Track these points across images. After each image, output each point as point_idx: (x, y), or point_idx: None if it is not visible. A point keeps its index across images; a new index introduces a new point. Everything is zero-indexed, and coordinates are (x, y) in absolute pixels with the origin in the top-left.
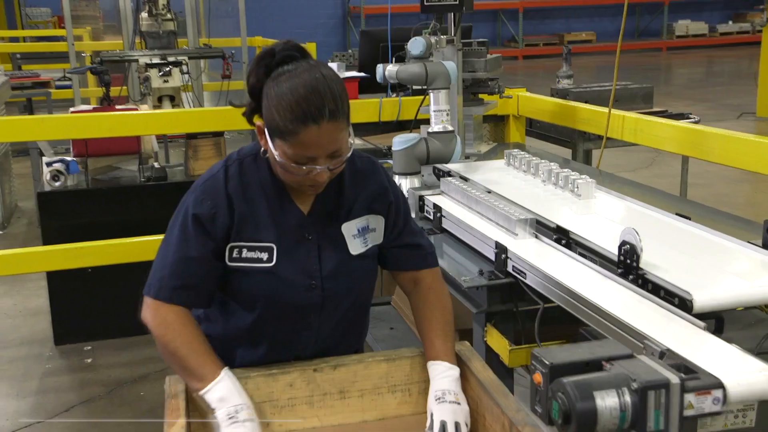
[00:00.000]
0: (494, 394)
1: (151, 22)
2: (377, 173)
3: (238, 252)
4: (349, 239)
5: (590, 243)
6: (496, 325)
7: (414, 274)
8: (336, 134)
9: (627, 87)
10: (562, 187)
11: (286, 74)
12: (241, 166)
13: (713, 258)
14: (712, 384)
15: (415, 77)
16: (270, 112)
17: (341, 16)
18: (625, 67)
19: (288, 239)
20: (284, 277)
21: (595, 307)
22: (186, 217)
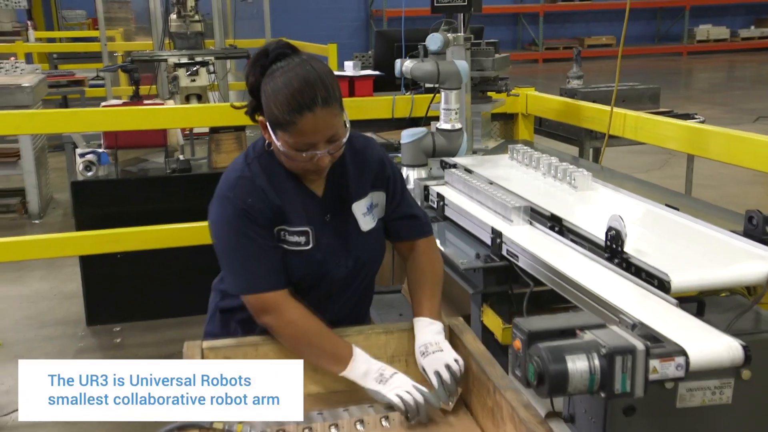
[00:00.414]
0: (482, 363)
1: (179, 23)
2: (374, 150)
3: (283, 234)
4: (359, 218)
5: (580, 230)
6: (492, 305)
7: (411, 242)
8: (331, 119)
9: (634, 87)
10: (560, 179)
11: (280, 70)
12: (260, 162)
13: (695, 245)
14: (675, 351)
15: (427, 75)
16: (269, 107)
17: (364, 19)
18: (644, 71)
19: (314, 222)
20: (318, 257)
21: (578, 286)
22: (239, 215)
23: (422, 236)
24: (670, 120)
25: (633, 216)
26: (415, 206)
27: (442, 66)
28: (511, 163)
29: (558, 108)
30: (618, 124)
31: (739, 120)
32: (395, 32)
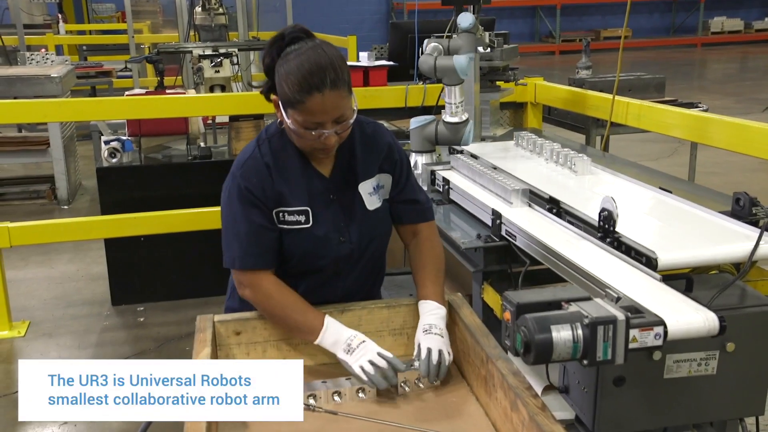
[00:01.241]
0: (477, 334)
1: (204, 16)
2: (383, 135)
3: (282, 216)
4: (366, 197)
5: (577, 211)
6: (492, 283)
7: (413, 227)
8: (338, 101)
9: (640, 77)
10: (561, 164)
11: (294, 53)
12: (270, 143)
13: (684, 225)
14: (654, 321)
15: (427, 70)
16: (281, 87)
17: (385, 12)
18: (659, 62)
19: (318, 202)
20: (319, 234)
21: (570, 263)
22: (241, 194)
23: (423, 221)
24: (671, 108)
25: (627, 198)
26: (419, 192)
27: (439, 61)
28: (517, 150)
29: (565, 97)
30: (621, 112)
31: (749, 110)
32: (409, 24)
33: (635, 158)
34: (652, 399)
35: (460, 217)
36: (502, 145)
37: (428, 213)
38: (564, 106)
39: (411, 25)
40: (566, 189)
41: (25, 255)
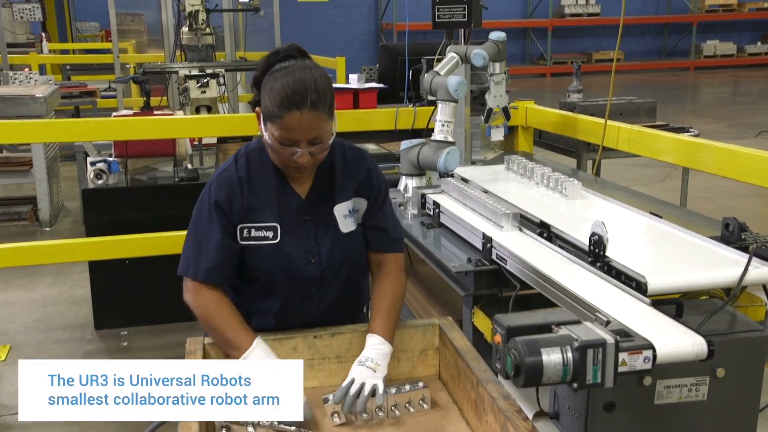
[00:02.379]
0: (467, 357)
1: (191, 36)
2: (365, 161)
3: (247, 232)
4: (340, 219)
5: (567, 235)
6: (482, 307)
7: (378, 256)
8: (316, 122)
9: (632, 102)
10: (552, 188)
11: (282, 70)
12: (248, 158)
13: (674, 249)
14: (643, 345)
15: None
16: (264, 99)
17: (374, 33)
18: (651, 85)
19: (290, 220)
20: (287, 252)
21: (560, 287)
22: (209, 205)
23: (388, 251)
24: (662, 133)
25: (618, 223)
26: (391, 222)
27: (436, 79)
28: (507, 174)
29: (556, 120)
30: (612, 136)
31: (742, 134)
32: (399, 46)
33: (627, 183)
34: (642, 425)
35: (451, 240)
36: (493, 169)
37: (395, 244)
38: (555, 129)
39: (401, 48)
40: (557, 213)
41: (7, 278)
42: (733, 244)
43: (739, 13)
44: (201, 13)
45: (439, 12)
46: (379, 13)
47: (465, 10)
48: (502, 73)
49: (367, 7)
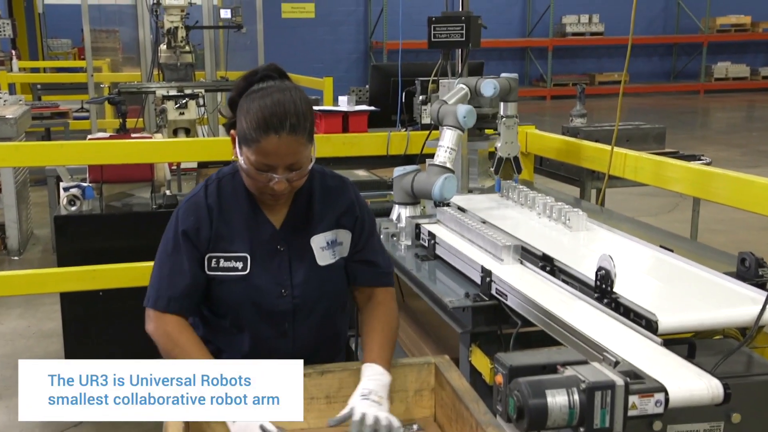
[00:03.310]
0: (465, 399)
1: (169, 54)
2: (347, 191)
3: (215, 262)
4: (317, 251)
5: (572, 269)
6: (481, 345)
7: (368, 290)
8: (295, 147)
9: (639, 127)
10: (555, 219)
11: (260, 91)
12: (219, 184)
13: (686, 286)
14: (654, 388)
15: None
16: (240, 122)
17: (363, 51)
18: (659, 110)
19: (261, 250)
20: (257, 284)
21: (565, 325)
22: (176, 233)
23: (380, 285)
24: (672, 161)
25: (625, 256)
26: (380, 255)
27: (444, 107)
28: (507, 203)
29: (558, 147)
30: (618, 164)
31: (757, 162)
32: (392, 66)
33: (633, 213)
34: None
35: (447, 274)
36: (492, 198)
37: (386, 278)
38: (557, 156)
39: (394, 68)
40: (560, 246)
41: None
42: (750, 280)
43: (752, 33)
44: (180, 29)
45: (435, 31)
46: (368, 31)
47: (463, 30)
48: (514, 116)
49: (355, 25)
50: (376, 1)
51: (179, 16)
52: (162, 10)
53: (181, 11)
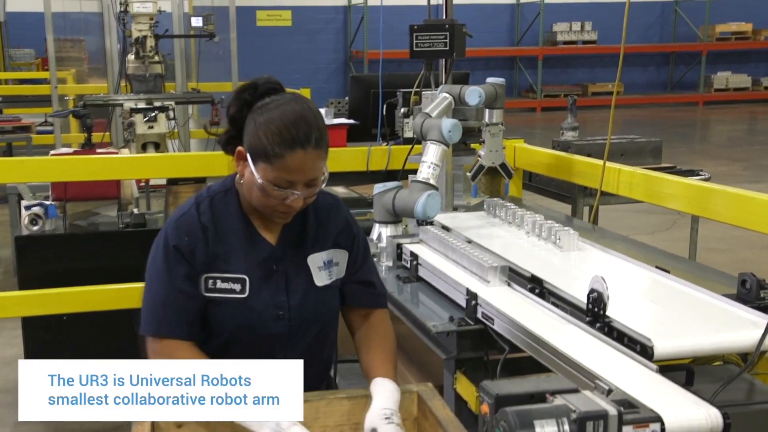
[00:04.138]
0: (450, 429)
1: (137, 64)
2: (340, 209)
3: (212, 283)
4: (314, 271)
5: (562, 292)
6: (466, 372)
7: (366, 312)
8: (318, 162)
9: (634, 141)
10: (545, 238)
11: (274, 103)
12: (212, 202)
13: (683, 309)
14: (650, 417)
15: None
16: (256, 137)
17: (342, 61)
18: (655, 122)
19: (258, 271)
20: (255, 307)
21: (555, 350)
22: (168, 253)
23: (377, 306)
24: (668, 176)
25: (619, 278)
26: (375, 275)
27: (429, 120)
28: (494, 221)
29: (548, 162)
30: (612, 179)
31: (760, 177)
32: (372, 77)
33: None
34: None
35: (430, 297)
36: (477, 216)
37: (382, 299)
38: (547, 172)
39: (374, 79)
40: (550, 266)
41: None
42: (751, 303)
43: (754, 41)
44: (149, 39)
45: (417, 40)
46: (348, 40)
47: (447, 38)
48: (500, 123)
49: (334, 33)
50: (356, 8)
51: (148, 25)
52: (130, 18)
53: (150, 19)
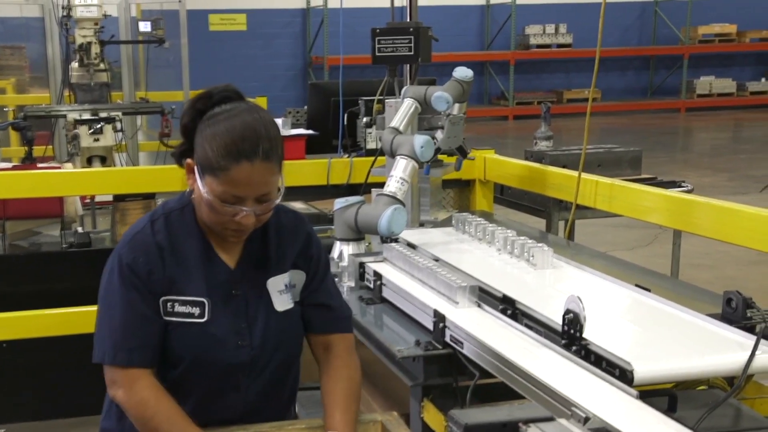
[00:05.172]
0: None
1: (82, 73)
2: (302, 228)
3: (171, 306)
4: (274, 295)
5: (536, 313)
6: (434, 399)
7: (325, 338)
8: (267, 176)
9: (612, 150)
10: (517, 256)
11: (225, 113)
12: (168, 220)
13: (665, 330)
14: None
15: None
16: (203, 149)
17: (301, 68)
18: (635, 130)
19: (217, 294)
20: (215, 333)
21: (528, 376)
22: (122, 275)
23: (336, 331)
24: (648, 188)
25: (596, 297)
26: (335, 297)
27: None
28: (462, 238)
29: (521, 174)
30: (589, 192)
31: (746, 189)
32: (332, 84)
33: (606, 248)
34: None
35: (395, 319)
36: (445, 232)
37: (343, 323)
38: (519, 184)
39: (334, 87)
40: (523, 286)
41: None
42: (737, 323)
43: (738, 43)
44: (94, 45)
45: (380, 45)
46: (307, 45)
47: (411, 43)
48: (461, 113)
49: (293, 38)
50: (316, 11)
51: (92, 30)
52: (73, 23)
53: (95, 24)
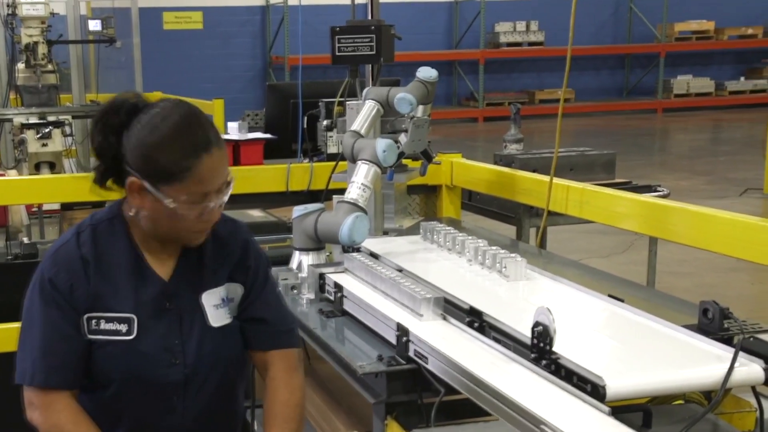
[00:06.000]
0: None
1: (29, 74)
2: (240, 234)
3: (96, 323)
4: (209, 309)
5: (504, 326)
6: (398, 417)
7: (263, 355)
8: (225, 161)
9: (585, 154)
10: (489, 267)
11: (156, 117)
12: (95, 232)
13: (639, 342)
14: None
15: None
16: (149, 161)
17: (261, 68)
18: (609, 132)
19: (147, 309)
20: (144, 351)
21: (496, 393)
22: (43, 291)
23: (273, 347)
24: (622, 193)
25: (567, 309)
26: (275, 310)
27: (360, 141)
28: (430, 247)
29: (489, 179)
30: (560, 198)
31: (725, 192)
32: (291, 86)
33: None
34: None
35: (357, 333)
36: (411, 241)
37: (283, 338)
38: (488, 190)
39: (293, 88)
40: (490, 297)
41: None
42: (714, 334)
43: (717, 41)
44: (41, 45)
45: (340, 44)
46: (267, 45)
47: (373, 42)
48: (426, 116)
49: (251, 37)
50: (276, 8)
51: (39, 29)
52: (18, 22)
53: (42, 23)
